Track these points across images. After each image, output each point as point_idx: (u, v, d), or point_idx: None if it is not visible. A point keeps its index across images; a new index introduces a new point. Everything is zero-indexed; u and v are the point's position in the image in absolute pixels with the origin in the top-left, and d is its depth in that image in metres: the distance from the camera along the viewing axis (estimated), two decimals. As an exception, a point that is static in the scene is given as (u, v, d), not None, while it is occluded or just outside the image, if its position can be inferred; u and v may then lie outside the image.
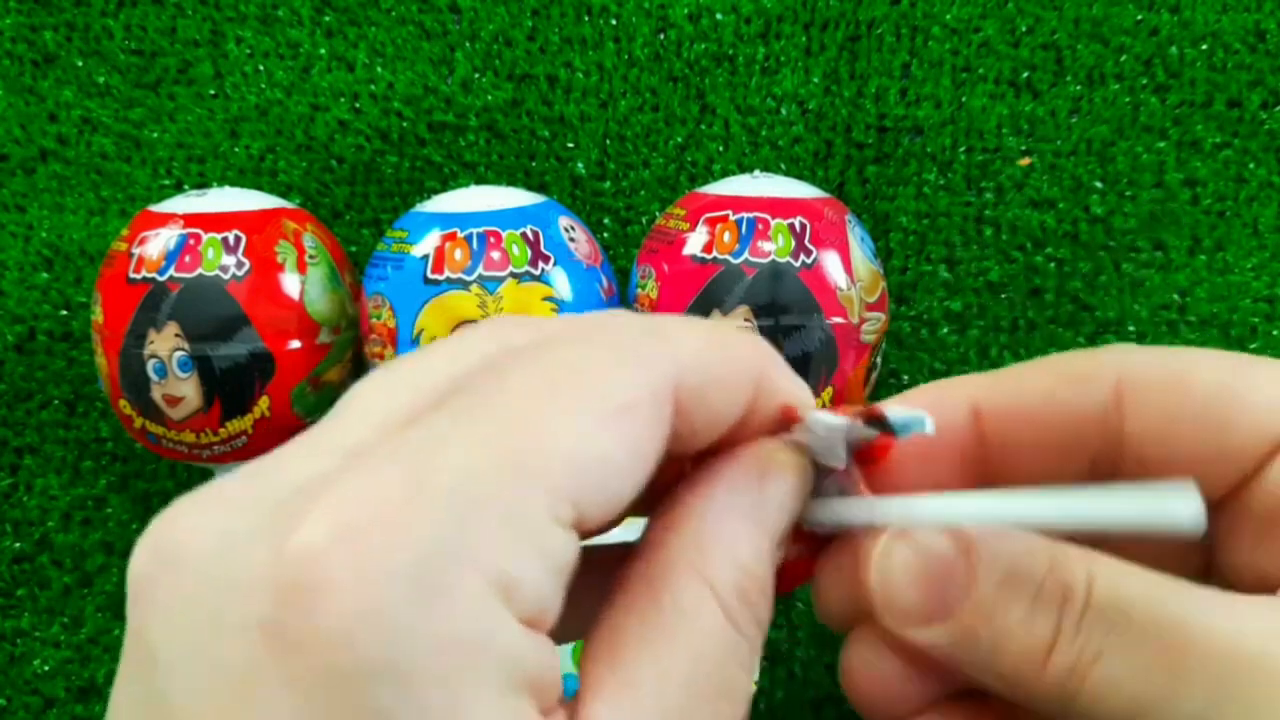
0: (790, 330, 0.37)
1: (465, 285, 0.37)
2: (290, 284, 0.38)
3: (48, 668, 0.45)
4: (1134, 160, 0.43)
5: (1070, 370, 0.19)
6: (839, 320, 0.37)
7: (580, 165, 0.45)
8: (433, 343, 0.17)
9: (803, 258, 0.37)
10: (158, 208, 0.40)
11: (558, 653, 0.15)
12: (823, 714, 0.43)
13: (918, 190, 0.44)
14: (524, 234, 0.38)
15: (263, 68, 0.46)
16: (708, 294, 0.37)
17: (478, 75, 0.45)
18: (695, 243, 0.38)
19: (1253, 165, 0.43)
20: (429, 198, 0.41)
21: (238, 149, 0.46)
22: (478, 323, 0.22)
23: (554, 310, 0.37)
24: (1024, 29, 0.44)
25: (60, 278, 0.46)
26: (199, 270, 0.37)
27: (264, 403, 0.38)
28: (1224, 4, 0.43)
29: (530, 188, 0.42)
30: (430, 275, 0.37)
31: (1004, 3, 0.44)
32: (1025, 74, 0.44)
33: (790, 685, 0.43)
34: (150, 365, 0.38)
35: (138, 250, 0.38)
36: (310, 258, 0.39)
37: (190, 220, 0.38)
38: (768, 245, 0.37)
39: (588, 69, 0.45)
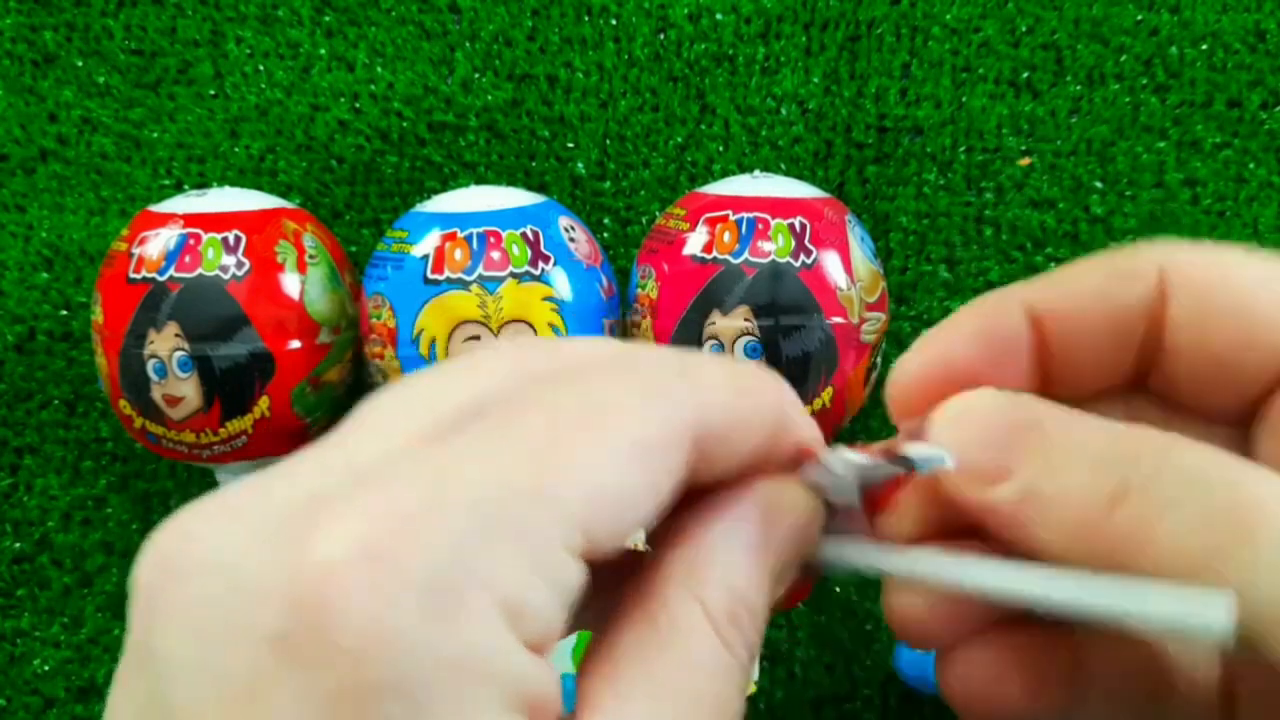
0: (790, 330, 0.37)
1: (465, 285, 0.37)
2: (290, 284, 0.38)
3: (48, 668, 0.45)
4: (1134, 160, 0.43)
5: (1116, 267, 0.19)
6: (839, 320, 0.37)
7: (580, 165, 0.45)
8: (449, 361, 0.17)
9: (803, 258, 0.37)
10: (158, 208, 0.40)
11: (557, 674, 0.15)
12: (822, 714, 0.43)
13: (918, 190, 0.44)
14: (524, 234, 0.38)
15: (263, 68, 0.46)
16: (708, 294, 0.37)
17: (478, 75, 0.45)
18: (695, 243, 0.38)
19: (1253, 165, 0.43)
20: (429, 198, 0.41)
21: (238, 149, 0.46)
22: (493, 343, 0.22)
23: (554, 310, 0.37)
24: (1024, 29, 0.44)
25: (60, 278, 0.46)
26: (199, 270, 0.37)
27: (264, 403, 0.38)
28: (1224, 4, 0.43)
29: (530, 188, 0.42)
30: (430, 275, 0.37)
31: (1004, 3, 0.44)
32: (1025, 74, 0.44)
33: (790, 685, 0.43)
34: (150, 365, 0.38)
35: (138, 250, 0.38)
36: (310, 258, 0.39)
37: (190, 220, 0.38)
38: (768, 245, 0.37)
39: (588, 69, 0.45)
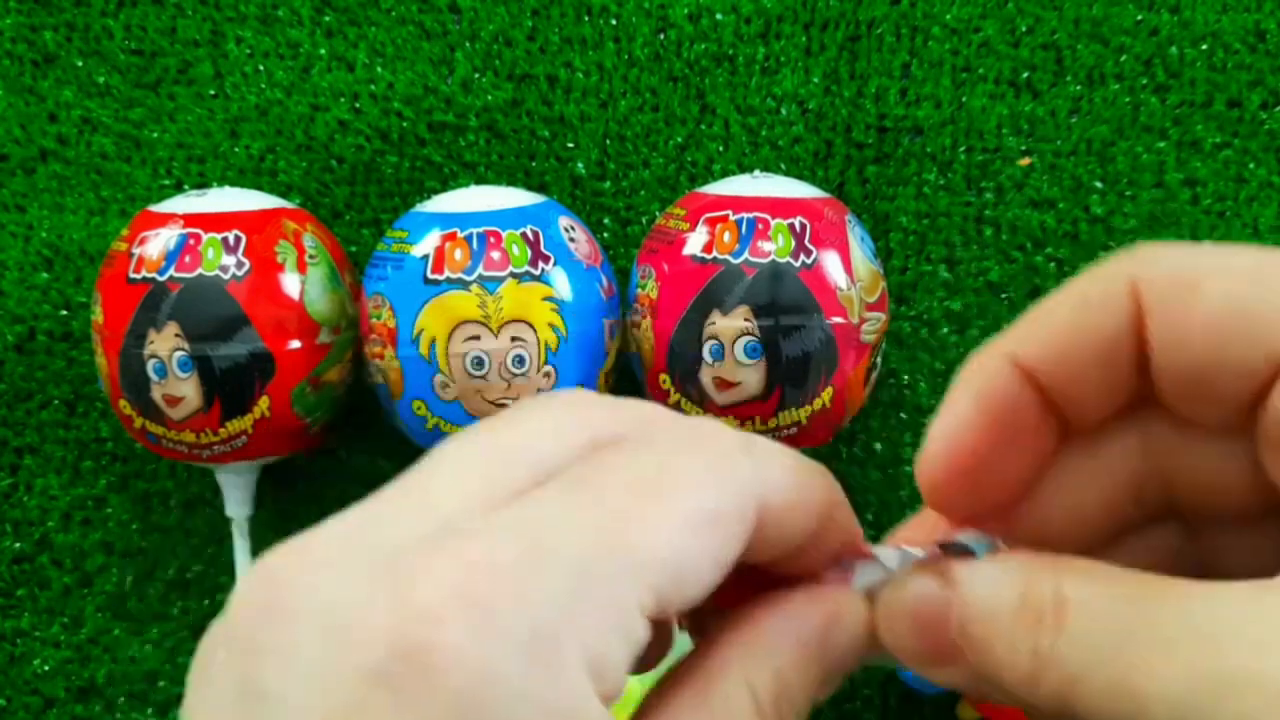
0: (790, 330, 0.37)
1: (465, 285, 0.37)
2: (290, 284, 0.38)
3: (48, 668, 0.45)
4: (1134, 160, 0.43)
5: (1086, 296, 0.19)
6: (839, 320, 0.37)
7: (580, 165, 0.45)
8: (513, 410, 0.18)
9: (803, 258, 0.37)
10: (158, 208, 0.40)
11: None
12: (822, 714, 0.43)
13: (918, 190, 0.44)
14: (524, 234, 0.38)
15: (263, 68, 0.46)
16: (708, 294, 0.37)
17: (478, 75, 0.45)
18: (695, 243, 0.38)
19: (1253, 165, 0.43)
20: (429, 198, 0.41)
21: (238, 149, 0.46)
22: (550, 395, 0.24)
23: (554, 310, 0.37)
24: (1024, 29, 0.44)
25: (60, 278, 0.46)
26: (199, 270, 0.37)
27: (264, 403, 0.38)
28: (1224, 4, 0.43)
29: (530, 188, 0.42)
30: (430, 275, 0.37)
31: (1004, 3, 0.44)
32: (1025, 74, 0.44)
33: (790, 685, 0.43)
34: (150, 365, 0.38)
35: (138, 250, 0.38)
36: (310, 258, 0.39)
37: (190, 220, 0.38)
38: (768, 245, 0.37)
39: (588, 69, 0.45)
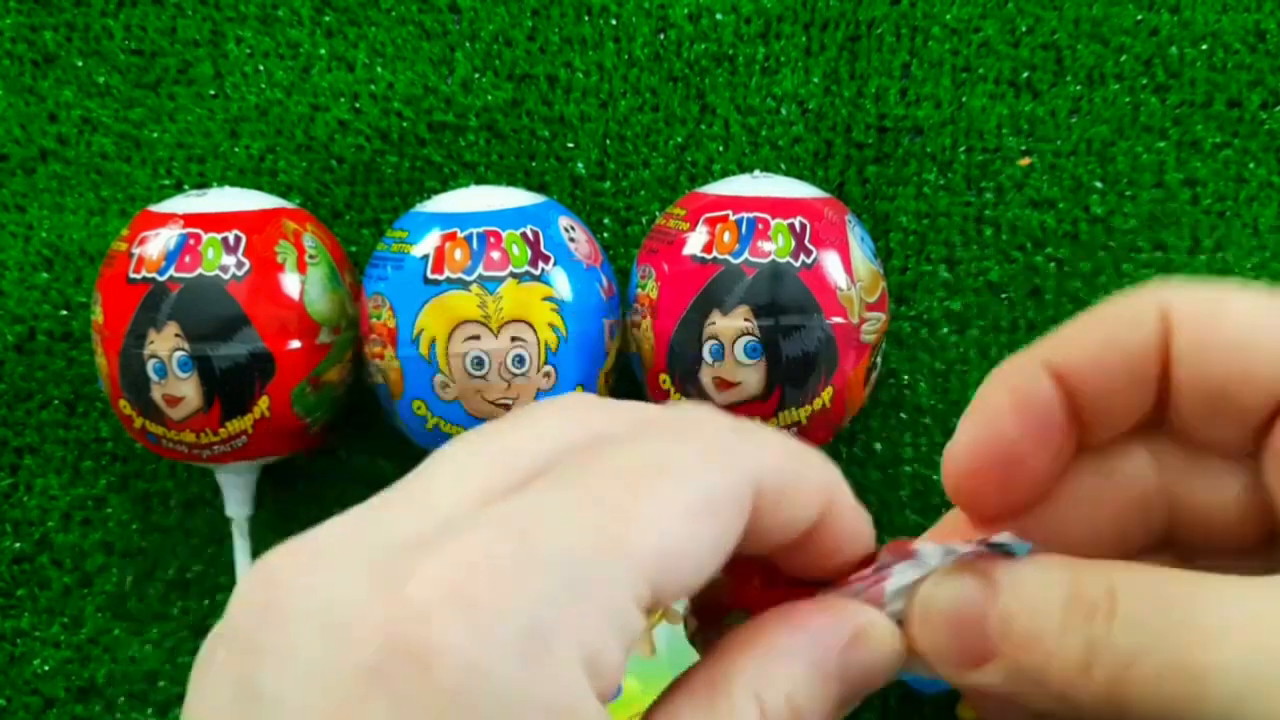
0: (790, 330, 0.37)
1: (465, 285, 0.37)
2: (290, 284, 0.38)
3: (48, 668, 0.45)
4: (1134, 160, 0.43)
5: (1120, 314, 0.20)
6: (839, 320, 0.37)
7: (580, 165, 0.45)
8: (515, 414, 0.18)
9: (803, 258, 0.37)
10: (158, 208, 0.40)
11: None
12: (823, 714, 0.43)
13: (918, 190, 0.44)
14: (524, 234, 0.38)
15: (263, 68, 0.46)
16: (708, 294, 0.37)
17: (478, 75, 0.45)
18: (695, 243, 0.38)
19: (1253, 165, 0.43)
20: (429, 198, 0.41)
21: (238, 149, 0.46)
22: (551, 399, 0.24)
23: (554, 310, 0.37)
24: (1024, 29, 0.44)
25: (60, 278, 0.46)
26: (199, 270, 0.37)
27: (264, 403, 0.38)
28: (1224, 4, 0.43)
29: (530, 188, 0.42)
30: (430, 275, 0.37)
31: (1004, 3, 0.44)
32: (1025, 74, 0.44)
33: (790, 685, 0.43)
34: (150, 365, 0.38)
35: (138, 250, 0.38)
36: (310, 258, 0.39)
37: (190, 220, 0.38)
38: (768, 245, 0.37)
39: (588, 69, 0.45)
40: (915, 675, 0.20)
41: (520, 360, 0.37)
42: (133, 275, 0.38)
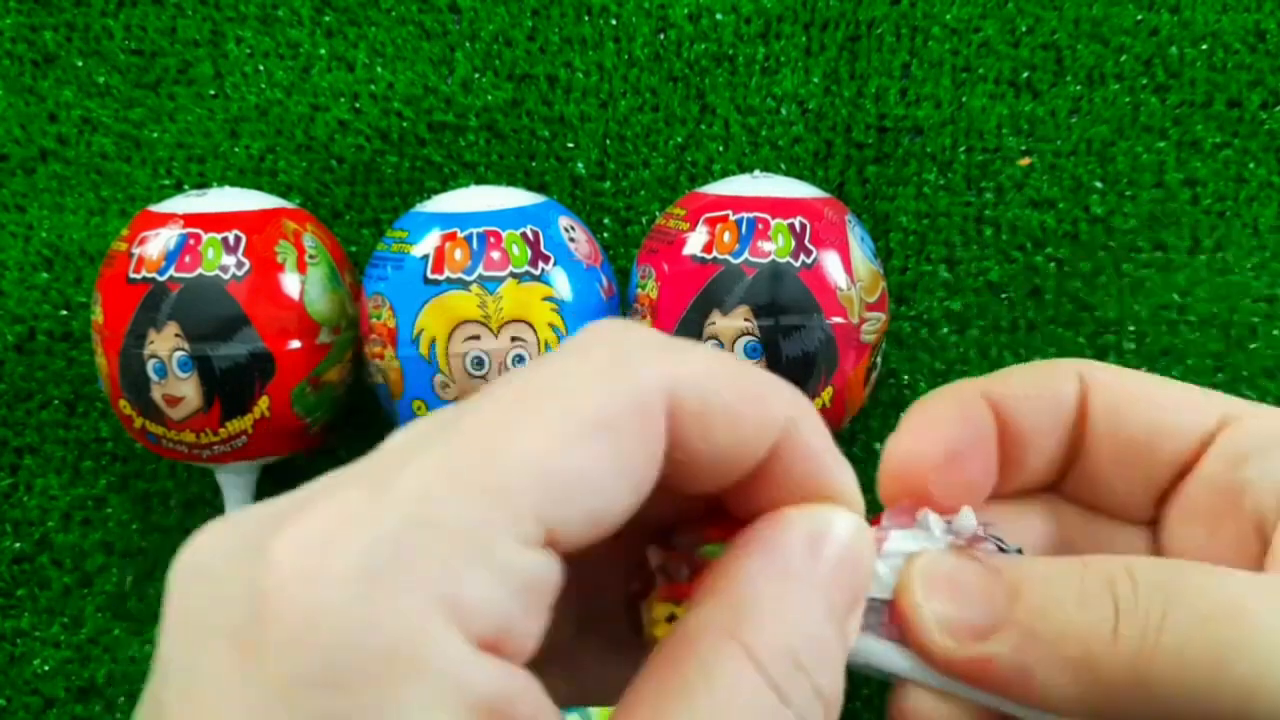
0: (790, 330, 0.37)
1: (465, 285, 0.37)
2: (290, 284, 0.38)
3: (48, 668, 0.45)
4: (1134, 160, 0.43)
5: (1050, 367, 0.22)
6: (839, 320, 0.37)
7: (580, 165, 0.45)
8: None
9: (803, 258, 0.37)
10: (158, 208, 0.40)
11: (532, 685, 0.14)
12: (823, 714, 0.43)
13: (918, 190, 0.44)
14: (524, 234, 0.38)
15: (263, 68, 0.46)
16: (708, 294, 0.37)
17: (478, 75, 0.45)
18: (695, 243, 0.38)
19: (1253, 165, 0.43)
20: (429, 198, 0.41)
21: (238, 149, 0.46)
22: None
23: (554, 310, 0.37)
24: (1024, 29, 0.44)
25: (60, 278, 0.46)
26: (199, 270, 0.37)
27: (264, 403, 0.38)
28: (1224, 4, 0.43)
29: (530, 188, 0.42)
30: (430, 275, 0.37)
31: (1004, 3, 0.44)
32: (1025, 74, 0.44)
33: (790, 685, 0.43)
34: (150, 365, 0.38)
35: (138, 250, 0.38)
36: (310, 258, 0.39)
37: (190, 220, 0.38)
38: (768, 245, 0.37)
39: (588, 69, 0.45)
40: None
41: (521, 360, 0.37)
42: (133, 275, 0.38)
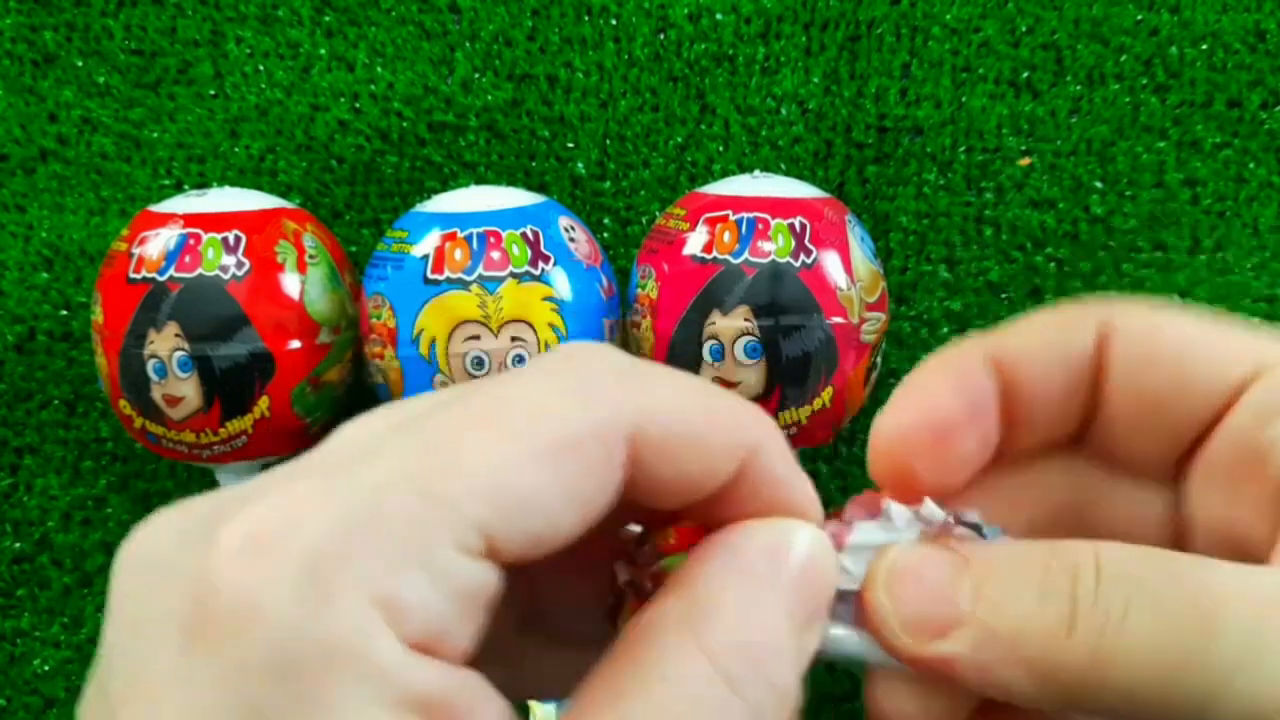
0: (790, 330, 0.37)
1: (465, 285, 0.37)
2: (290, 284, 0.38)
3: (48, 668, 0.45)
4: (1134, 160, 0.43)
5: (1064, 317, 0.21)
6: (839, 320, 0.37)
7: (580, 165, 0.45)
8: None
9: (803, 258, 0.37)
10: (158, 208, 0.40)
11: (471, 681, 0.15)
12: (822, 714, 0.43)
13: (918, 190, 0.44)
14: (524, 234, 0.38)
15: (263, 68, 0.46)
16: (708, 294, 0.37)
17: (478, 75, 0.45)
18: (695, 243, 0.38)
19: (1253, 165, 0.43)
20: (429, 198, 0.41)
21: (238, 149, 0.46)
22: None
23: (554, 310, 0.37)
24: (1024, 29, 0.44)
25: (60, 278, 0.46)
26: (199, 270, 0.37)
27: (264, 403, 0.38)
28: (1224, 4, 0.43)
29: (530, 188, 0.42)
30: (430, 275, 0.37)
31: (1004, 3, 0.44)
32: (1025, 74, 0.44)
33: (790, 685, 0.43)
34: (150, 365, 0.38)
35: (138, 250, 0.38)
36: (310, 258, 0.39)
37: (190, 220, 0.38)
38: (768, 245, 0.37)
39: (588, 69, 0.45)
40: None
41: (521, 360, 0.37)
42: (133, 275, 0.38)
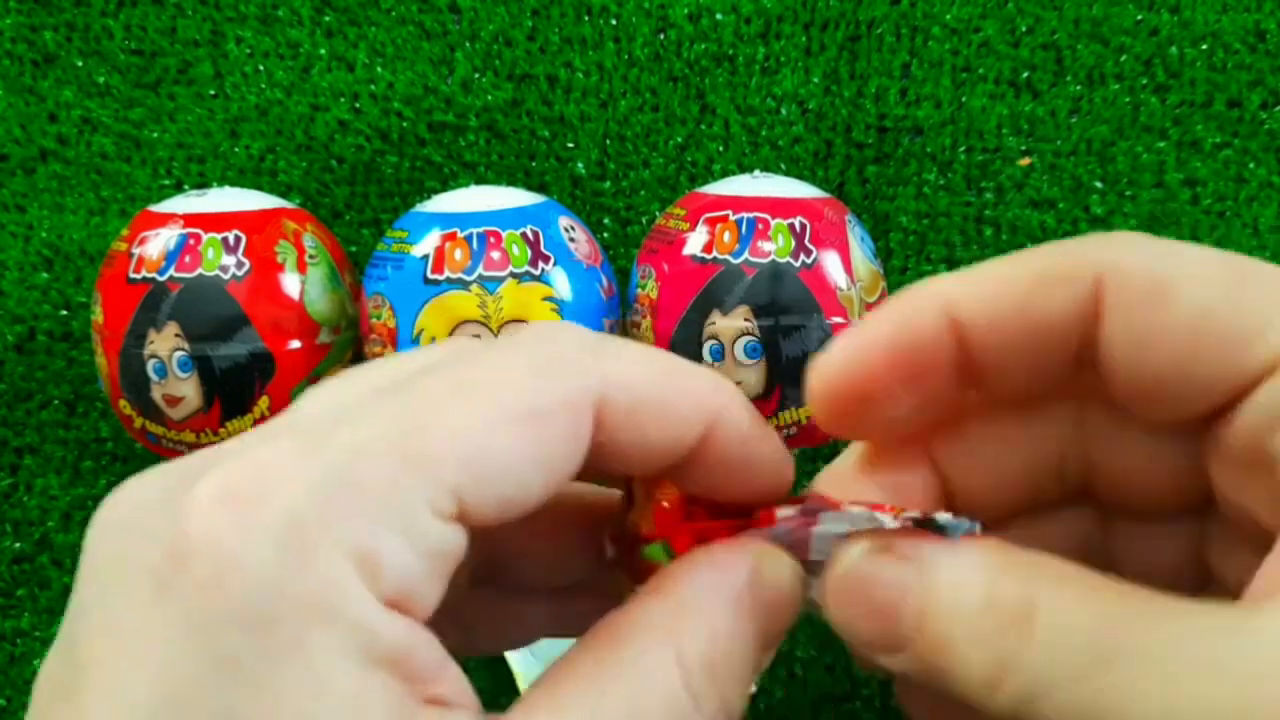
0: (790, 330, 0.37)
1: (465, 285, 0.37)
2: (290, 284, 0.38)
3: (48, 668, 0.45)
4: (1134, 160, 0.43)
5: (1048, 270, 0.18)
6: (839, 320, 0.37)
7: (580, 165, 0.45)
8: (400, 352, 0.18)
9: (803, 258, 0.37)
10: (158, 208, 0.40)
11: (436, 642, 0.15)
12: (822, 714, 0.43)
13: (918, 190, 0.44)
14: (524, 234, 0.38)
15: (263, 68, 0.46)
16: (708, 294, 0.37)
17: (478, 75, 0.45)
18: (695, 243, 0.38)
19: (1253, 165, 0.43)
20: (429, 198, 0.41)
21: (238, 149, 0.46)
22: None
23: (554, 310, 0.37)
24: (1024, 29, 0.44)
25: (60, 278, 0.46)
26: (199, 270, 0.37)
27: (264, 403, 0.38)
28: (1224, 4, 0.43)
29: (530, 188, 0.42)
30: (430, 275, 0.37)
31: (1004, 3, 0.44)
32: (1025, 74, 0.44)
33: (790, 685, 0.43)
34: (150, 365, 0.38)
35: (138, 250, 0.38)
36: (310, 258, 0.39)
37: (190, 220, 0.38)
38: (768, 245, 0.37)
39: (588, 69, 0.45)
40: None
41: (520, 360, 0.37)
42: (133, 275, 0.38)
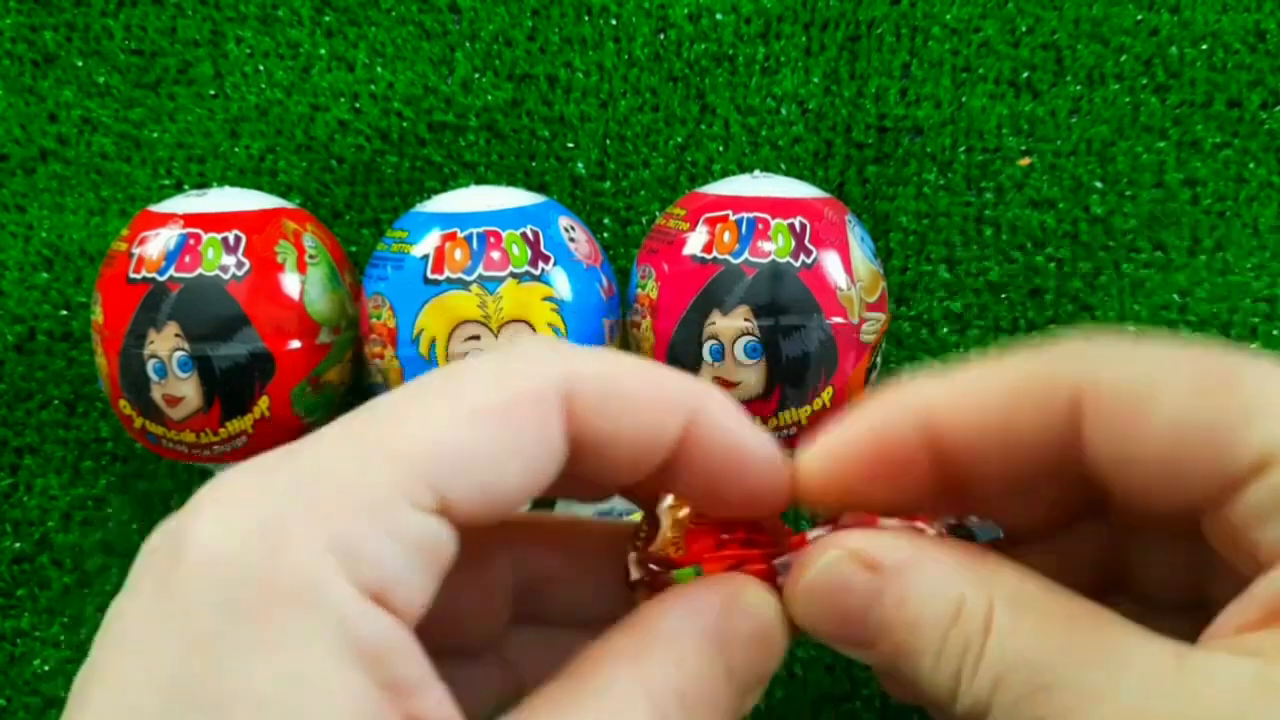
0: (790, 330, 0.37)
1: (465, 285, 0.37)
2: (290, 284, 0.38)
3: (48, 668, 0.45)
4: (1134, 160, 0.43)
5: (1026, 385, 0.18)
6: (839, 320, 0.37)
7: (580, 165, 0.45)
8: None
9: (803, 258, 0.37)
10: (158, 208, 0.40)
11: (420, 653, 0.16)
12: (822, 714, 0.43)
13: (918, 190, 0.44)
14: (524, 234, 0.38)
15: (263, 68, 0.46)
16: (708, 294, 0.37)
17: (478, 75, 0.45)
18: (695, 243, 0.38)
19: (1253, 165, 0.43)
20: (429, 198, 0.41)
21: (238, 149, 0.46)
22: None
23: (554, 310, 0.37)
24: (1024, 29, 0.44)
25: (60, 278, 0.46)
26: (199, 270, 0.37)
27: (264, 403, 0.38)
28: (1224, 4, 0.43)
29: (530, 188, 0.42)
30: (430, 275, 0.37)
31: (1004, 3, 0.44)
32: (1025, 74, 0.44)
33: (790, 685, 0.43)
34: (150, 365, 0.38)
35: (138, 250, 0.38)
36: (310, 258, 0.39)
37: (190, 220, 0.38)
38: (768, 245, 0.37)
39: (588, 69, 0.45)
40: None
41: (520, 360, 0.37)
42: (133, 275, 0.38)
